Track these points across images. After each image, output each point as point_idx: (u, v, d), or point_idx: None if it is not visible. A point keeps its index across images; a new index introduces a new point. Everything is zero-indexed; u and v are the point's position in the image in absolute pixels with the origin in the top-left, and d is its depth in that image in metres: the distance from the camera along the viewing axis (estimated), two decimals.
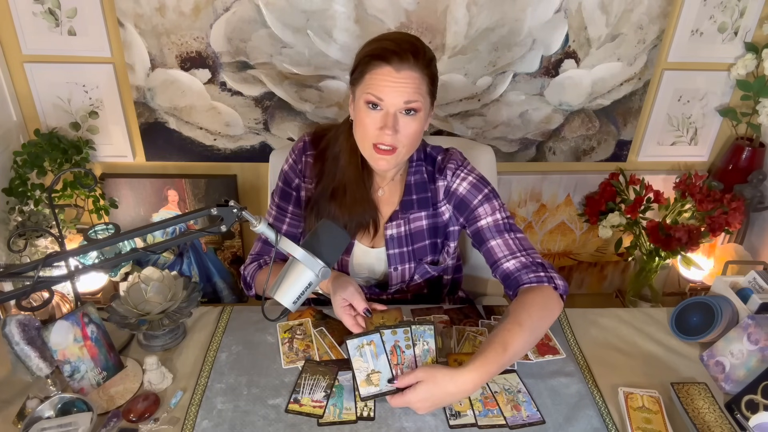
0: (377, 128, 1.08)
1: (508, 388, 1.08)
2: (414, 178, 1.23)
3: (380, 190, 1.25)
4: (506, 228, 1.19)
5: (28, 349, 1.00)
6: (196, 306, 1.18)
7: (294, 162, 1.25)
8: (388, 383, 1.02)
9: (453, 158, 1.24)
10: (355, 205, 1.18)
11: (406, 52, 1.04)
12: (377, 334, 1.05)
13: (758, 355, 1.09)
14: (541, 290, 1.10)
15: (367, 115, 1.08)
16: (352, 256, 1.27)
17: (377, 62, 1.05)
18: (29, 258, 1.68)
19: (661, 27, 1.78)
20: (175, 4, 1.64)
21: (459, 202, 1.22)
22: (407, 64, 1.04)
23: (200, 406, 1.03)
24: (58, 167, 1.71)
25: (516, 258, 1.15)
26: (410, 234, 1.25)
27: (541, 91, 1.86)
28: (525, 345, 1.04)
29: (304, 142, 1.25)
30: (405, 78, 1.05)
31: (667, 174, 2.05)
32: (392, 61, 1.04)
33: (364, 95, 1.07)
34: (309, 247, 0.93)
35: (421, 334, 1.07)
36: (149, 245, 1.10)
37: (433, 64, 1.10)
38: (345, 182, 1.18)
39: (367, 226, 1.22)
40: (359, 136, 1.13)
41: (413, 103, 1.06)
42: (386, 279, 1.30)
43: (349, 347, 1.05)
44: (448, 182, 1.23)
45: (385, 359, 1.04)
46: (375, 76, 1.06)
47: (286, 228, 1.27)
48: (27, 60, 1.72)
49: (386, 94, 1.05)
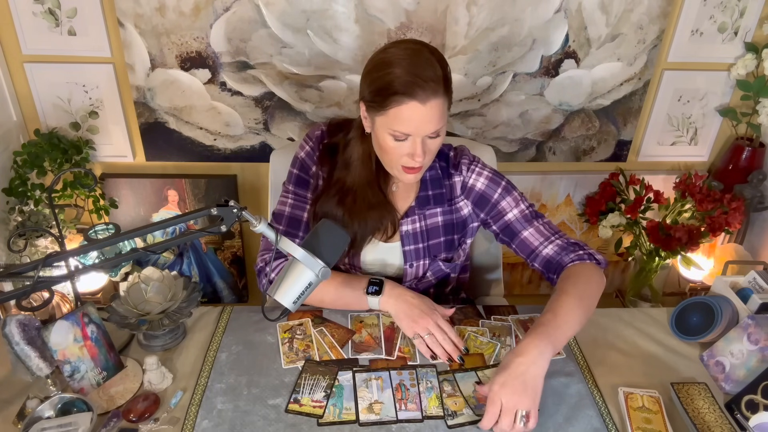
0: (405, 154, 1.08)
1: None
2: (429, 174, 1.24)
3: (394, 186, 1.24)
4: (533, 216, 1.23)
5: (28, 349, 0.99)
6: (196, 306, 1.18)
7: (311, 149, 1.22)
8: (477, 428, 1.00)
9: (465, 154, 1.25)
10: (371, 210, 1.18)
11: (429, 82, 1.00)
12: (386, 372, 1.09)
13: (758, 355, 1.09)
14: (584, 266, 1.15)
15: (394, 145, 1.07)
16: (364, 252, 1.27)
17: (401, 97, 1.01)
18: (29, 258, 1.68)
19: (661, 27, 1.78)
20: (175, 4, 1.64)
21: (479, 198, 1.24)
22: (432, 94, 1.01)
23: (200, 406, 1.03)
24: (58, 167, 1.71)
25: (552, 242, 1.19)
26: (426, 230, 1.25)
27: (541, 91, 1.86)
28: (574, 309, 1.06)
29: (322, 131, 1.23)
30: (431, 109, 1.02)
31: (667, 174, 2.05)
32: (417, 95, 1.00)
33: (388, 129, 1.05)
34: (309, 247, 0.93)
35: (424, 375, 1.10)
36: (149, 245, 1.10)
37: (450, 78, 1.06)
38: (356, 189, 1.17)
39: (386, 228, 1.22)
40: (385, 160, 1.13)
41: (440, 128, 1.06)
42: (397, 275, 1.29)
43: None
44: (464, 177, 1.24)
45: (390, 393, 1.06)
46: (402, 112, 1.02)
47: (307, 216, 1.23)
48: (27, 60, 1.72)
49: (414, 129, 1.04)
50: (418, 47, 1.04)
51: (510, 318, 1.26)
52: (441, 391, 1.06)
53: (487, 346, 1.17)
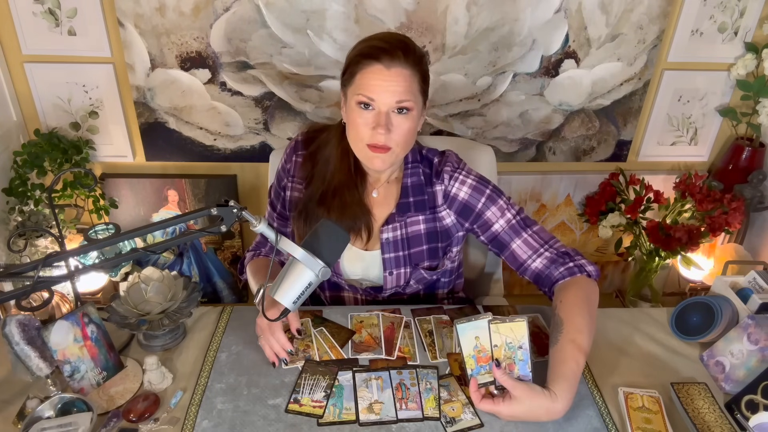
0: (370, 128, 1.07)
1: (509, 342, 1.04)
2: (411, 180, 1.22)
3: (374, 191, 1.23)
4: (521, 226, 1.19)
5: (28, 349, 0.99)
6: (196, 306, 1.18)
7: (285, 162, 1.25)
8: (493, 364, 1.01)
9: (449, 161, 1.22)
10: (345, 209, 1.17)
11: (396, 49, 1.04)
12: (386, 372, 1.09)
13: (758, 355, 1.09)
14: (576, 282, 1.12)
15: (360, 116, 1.07)
16: (343, 258, 1.26)
17: (367, 61, 1.05)
18: (29, 258, 1.68)
19: (661, 27, 1.78)
20: (175, 4, 1.64)
21: (462, 208, 1.21)
22: (397, 60, 1.04)
23: (200, 406, 1.03)
24: (58, 167, 1.71)
25: (541, 255, 1.16)
26: (407, 238, 1.23)
27: (541, 91, 1.86)
28: (590, 344, 1.05)
29: (296, 142, 1.25)
30: (396, 75, 1.04)
31: (667, 174, 2.05)
32: (382, 58, 1.04)
33: (355, 96, 1.07)
34: (309, 247, 0.93)
35: (425, 376, 1.09)
36: (149, 245, 1.10)
37: (424, 62, 1.10)
38: (335, 186, 1.17)
39: (360, 231, 1.20)
40: (352, 137, 1.12)
41: (405, 102, 1.06)
42: (379, 283, 1.28)
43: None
44: (446, 186, 1.21)
45: (390, 393, 1.05)
46: (365, 75, 1.05)
47: (275, 226, 1.27)
48: (27, 60, 1.72)
49: (378, 93, 1.05)
50: (396, 33, 1.11)
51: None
52: (438, 395, 1.06)
53: None
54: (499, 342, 1.04)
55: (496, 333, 1.03)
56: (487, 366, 1.03)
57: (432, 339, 1.19)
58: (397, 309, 1.26)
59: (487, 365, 1.03)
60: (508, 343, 1.04)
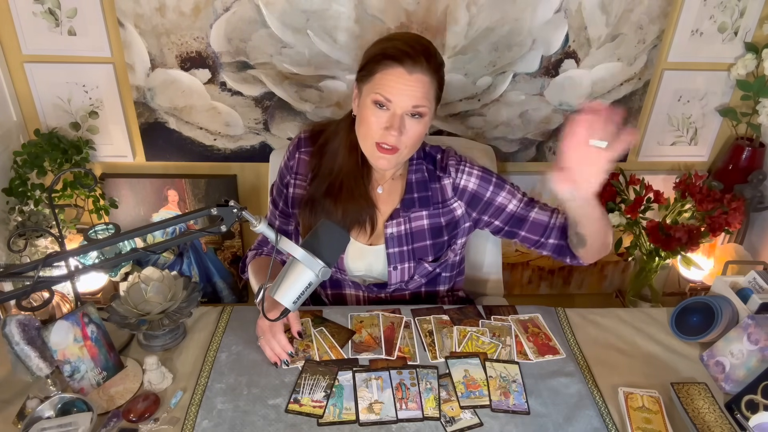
0: (382, 128, 1.08)
1: (504, 376, 1.10)
2: (415, 177, 1.24)
3: (379, 187, 1.24)
4: (531, 202, 1.28)
5: (28, 349, 1.00)
6: (196, 306, 1.18)
7: (287, 159, 1.26)
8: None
9: (451, 156, 1.26)
10: (351, 200, 1.18)
11: (420, 55, 1.04)
12: (386, 372, 1.10)
13: (758, 355, 1.09)
14: None
15: (373, 114, 1.08)
16: (347, 254, 1.27)
17: (389, 62, 1.05)
18: (29, 258, 1.68)
19: (661, 27, 1.78)
20: (175, 4, 1.64)
21: (471, 198, 1.25)
22: (419, 66, 1.04)
23: (200, 406, 1.03)
24: (58, 167, 1.71)
25: (560, 213, 1.26)
26: (411, 233, 1.25)
27: (541, 91, 1.86)
28: (609, 224, 1.16)
29: (299, 139, 1.26)
30: (416, 81, 1.05)
31: (667, 174, 2.05)
32: (405, 62, 1.04)
33: (372, 94, 1.07)
34: (309, 246, 0.93)
35: (424, 376, 1.10)
36: (149, 245, 1.10)
37: (443, 70, 1.11)
38: (342, 177, 1.18)
39: (364, 224, 1.22)
40: (362, 133, 1.13)
41: (421, 107, 1.07)
42: (383, 278, 1.29)
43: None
44: (454, 179, 1.24)
45: (390, 393, 1.06)
46: (386, 76, 1.05)
47: (277, 224, 1.30)
48: (27, 60, 1.72)
49: (396, 96, 1.05)
50: (419, 36, 1.11)
51: (510, 318, 1.26)
52: (438, 395, 1.06)
53: (488, 346, 1.18)
54: (493, 374, 1.10)
55: (490, 368, 1.11)
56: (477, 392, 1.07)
57: (432, 339, 1.19)
58: (397, 309, 1.26)
59: (476, 391, 1.07)
60: (503, 376, 1.10)
